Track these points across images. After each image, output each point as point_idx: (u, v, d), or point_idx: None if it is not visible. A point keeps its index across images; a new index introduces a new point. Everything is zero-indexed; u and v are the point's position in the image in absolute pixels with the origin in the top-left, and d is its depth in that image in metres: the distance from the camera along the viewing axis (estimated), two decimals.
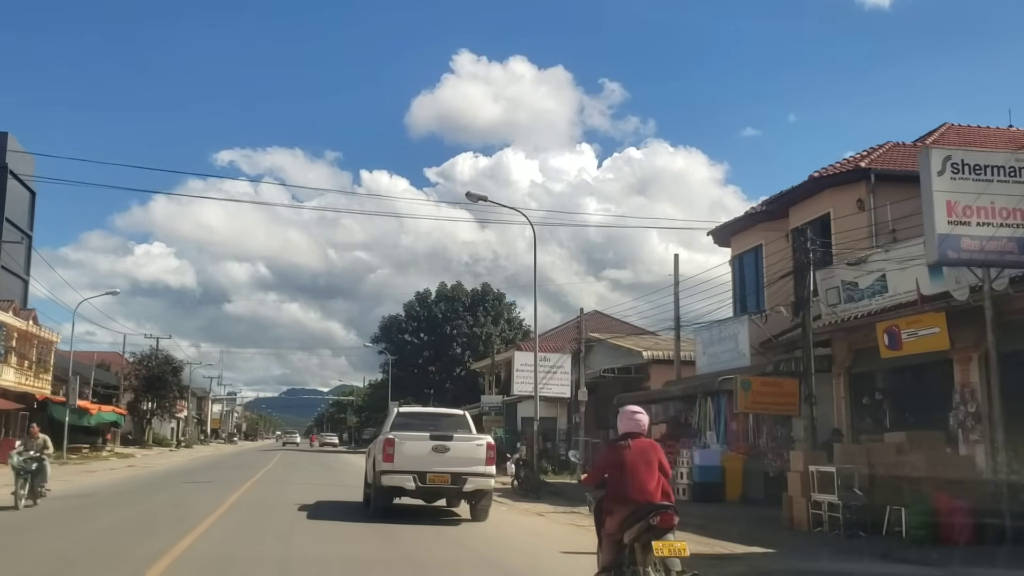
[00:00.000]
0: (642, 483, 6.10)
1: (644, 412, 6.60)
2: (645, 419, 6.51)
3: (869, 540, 11.37)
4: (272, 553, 10.12)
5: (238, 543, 10.96)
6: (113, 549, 10.23)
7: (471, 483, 13.36)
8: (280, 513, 14.59)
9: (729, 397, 17.66)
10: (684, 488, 17.73)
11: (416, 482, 13.23)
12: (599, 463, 6.69)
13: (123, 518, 13.67)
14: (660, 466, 6.28)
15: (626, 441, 6.31)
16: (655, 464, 6.24)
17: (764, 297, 21.51)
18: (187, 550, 9.79)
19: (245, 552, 10.27)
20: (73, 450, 44.22)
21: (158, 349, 67.10)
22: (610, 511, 6.19)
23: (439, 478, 13.32)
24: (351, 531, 12.42)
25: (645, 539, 5.90)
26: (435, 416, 15.72)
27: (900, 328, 13.95)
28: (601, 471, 6.47)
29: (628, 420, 6.46)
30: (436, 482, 13.34)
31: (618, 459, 6.24)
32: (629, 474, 6.12)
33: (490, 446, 13.78)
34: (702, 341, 21.57)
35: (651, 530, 5.88)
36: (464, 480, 13.32)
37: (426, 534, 12.54)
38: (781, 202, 20.91)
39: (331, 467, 37.44)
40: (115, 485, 21.73)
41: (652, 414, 22.00)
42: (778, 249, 20.94)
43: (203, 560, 9.31)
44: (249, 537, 11.70)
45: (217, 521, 12.88)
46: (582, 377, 26.81)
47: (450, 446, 13.40)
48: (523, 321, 70.33)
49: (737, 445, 17.75)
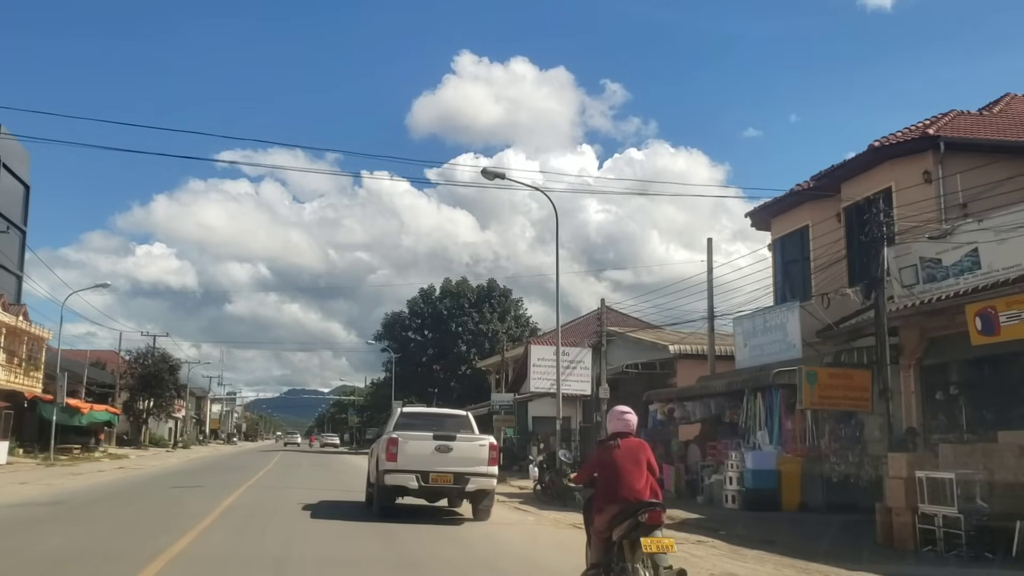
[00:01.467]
0: (631, 482, 6.21)
1: (632, 412, 6.71)
2: (634, 419, 6.64)
3: (1002, 562, 9.28)
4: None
5: (229, 558, 9.00)
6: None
7: (473, 483, 13.46)
8: (278, 523, 12.64)
9: (784, 392, 15.60)
10: (733, 496, 15.68)
11: (419, 481, 13.34)
12: (589, 462, 6.86)
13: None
14: (648, 465, 6.39)
15: (615, 441, 6.43)
16: (643, 463, 6.35)
17: (811, 283, 19.51)
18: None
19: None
20: (63, 451, 42.49)
21: (155, 347, 65.24)
22: (600, 509, 6.31)
23: (442, 478, 13.42)
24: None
25: (634, 536, 5.99)
26: (438, 416, 15.82)
27: (998, 310, 11.93)
28: (591, 470, 6.61)
29: (617, 420, 6.59)
30: (439, 482, 13.45)
31: (608, 458, 6.36)
32: (618, 473, 6.24)
33: (492, 446, 13.85)
34: (743, 332, 19.54)
35: (639, 527, 5.98)
36: (467, 480, 13.42)
37: (442, 546, 10.59)
38: (832, 177, 18.88)
39: (332, 468, 35.48)
40: (94, 490, 19.71)
41: (686, 412, 19.98)
42: (828, 230, 18.93)
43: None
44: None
45: (199, 537, 10.81)
46: (603, 372, 24.76)
47: (453, 446, 13.51)
48: (530, 318, 68.32)
49: (793, 447, 15.68)
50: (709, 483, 16.48)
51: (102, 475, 28.00)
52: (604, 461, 6.37)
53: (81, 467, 33.44)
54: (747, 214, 21.81)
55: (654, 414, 21.04)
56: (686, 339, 26.83)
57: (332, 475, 29.82)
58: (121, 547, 9.66)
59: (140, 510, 14.59)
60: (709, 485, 16.50)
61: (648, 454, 6.46)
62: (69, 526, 12.06)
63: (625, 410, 6.70)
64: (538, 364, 25.00)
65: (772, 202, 21.05)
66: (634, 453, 6.35)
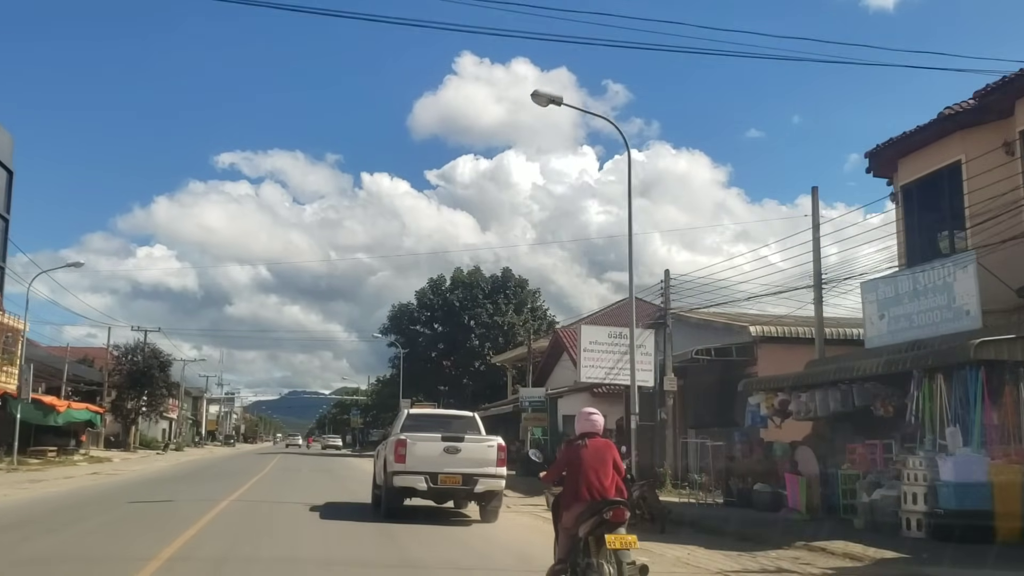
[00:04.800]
0: (597, 480, 6.47)
1: (599, 414, 7.02)
2: (600, 420, 6.96)
3: None
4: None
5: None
6: None
7: (482, 484, 13.36)
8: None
9: (988, 372, 10.94)
10: (916, 520, 10.93)
11: (428, 483, 13.28)
12: (558, 462, 7.00)
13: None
14: (614, 464, 6.68)
15: (583, 441, 6.72)
16: (609, 462, 6.63)
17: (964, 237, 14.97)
18: None
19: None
20: (38, 453, 38.21)
21: (146, 342, 60.64)
22: (567, 506, 6.59)
23: (450, 479, 13.35)
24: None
25: (598, 533, 6.18)
26: (445, 417, 15.89)
27: None
28: (560, 469, 6.85)
29: (585, 421, 6.90)
30: (448, 483, 13.38)
31: (575, 458, 6.64)
32: (585, 472, 6.50)
33: (501, 447, 13.69)
34: (877, 300, 14.92)
35: (604, 524, 6.18)
36: (475, 481, 13.33)
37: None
38: (1004, 93, 14.28)
39: (337, 474, 30.92)
40: (29, 508, 15.15)
41: (805, 405, 15.33)
42: (992, 164, 14.36)
43: None
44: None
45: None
46: (668, 359, 20.13)
47: (461, 447, 13.45)
48: (547, 310, 63.61)
49: (1004, 450, 10.95)
50: (870, 501, 11.80)
51: (65, 484, 23.79)
52: (572, 461, 6.66)
53: (49, 473, 29.18)
54: (867, 154, 17.16)
55: (754, 409, 16.38)
56: (757, 320, 22.24)
57: (338, 483, 25.52)
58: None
59: (53, 550, 9.80)
60: (870, 504, 11.81)
61: (614, 454, 6.75)
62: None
63: (592, 411, 7.01)
64: (590, 348, 20.44)
65: (903, 137, 16.44)
66: (600, 453, 6.64)
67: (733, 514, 14.62)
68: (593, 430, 6.78)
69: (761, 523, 13.29)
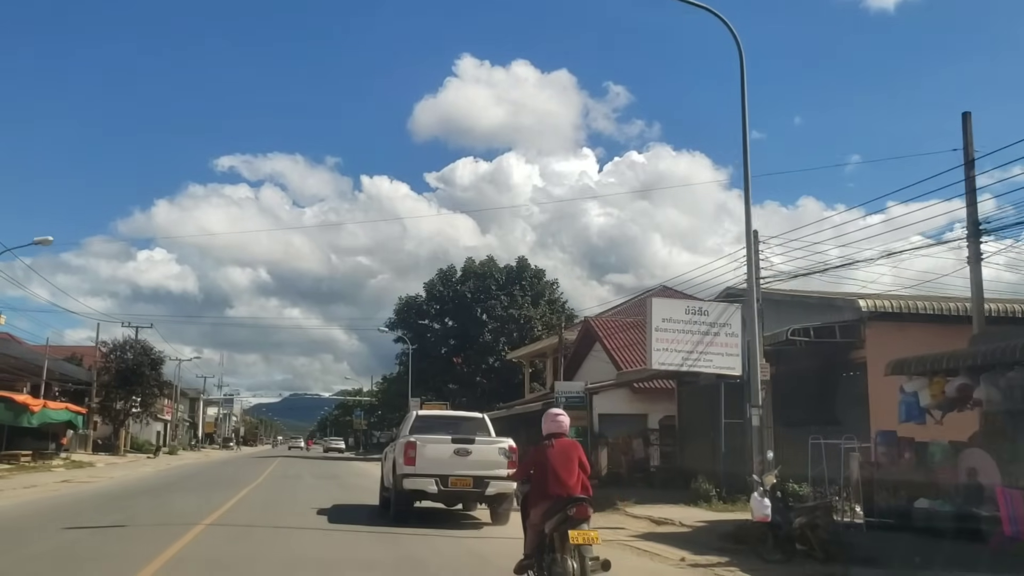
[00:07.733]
0: (562, 479, 6.77)
1: (565, 415, 7.30)
2: (567, 420, 7.25)
3: None
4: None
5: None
6: None
7: (493, 486, 13.26)
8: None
9: None
10: None
11: (438, 485, 13.25)
12: (525, 461, 7.35)
13: None
14: (580, 463, 6.97)
15: (550, 441, 7.04)
16: (575, 461, 6.93)
17: None
18: None
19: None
20: (9, 457, 34.26)
21: (137, 339, 56.60)
22: (534, 503, 6.86)
23: (461, 481, 13.30)
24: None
25: (563, 529, 6.48)
26: (454, 419, 15.97)
27: None
28: (527, 468, 7.16)
29: (551, 422, 7.21)
30: (458, 485, 13.34)
31: (542, 457, 6.94)
32: (551, 470, 6.81)
33: (512, 449, 13.54)
34: None
35: (568, 520, 6.47)
36: (486, 483, 13.26)
37: None
38: None
39: (346, 483, 26.83)
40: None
41: (992, 390, 11.17)
42: None
43: None
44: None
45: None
46: (758, 342, 16.02)
47: (472, 449, 13.41)
48: (566, 303, 59.40)
49: None
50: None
51: (28, 492, 20.29)
52: (539, 460, 6.96)
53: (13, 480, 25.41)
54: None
55: (910, 398, 12.12)
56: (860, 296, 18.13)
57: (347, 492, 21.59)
58: None
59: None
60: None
61: (580, 453, 7.07)
62: None
63: (558, 412, 7.33)
64: (663, 328, 16.24)
65: None
66: (566, 452, 6.96)
67: (908, 543, 10.40)
68: (559, 431, 7.16)
69: (981, 560, 9.15)
